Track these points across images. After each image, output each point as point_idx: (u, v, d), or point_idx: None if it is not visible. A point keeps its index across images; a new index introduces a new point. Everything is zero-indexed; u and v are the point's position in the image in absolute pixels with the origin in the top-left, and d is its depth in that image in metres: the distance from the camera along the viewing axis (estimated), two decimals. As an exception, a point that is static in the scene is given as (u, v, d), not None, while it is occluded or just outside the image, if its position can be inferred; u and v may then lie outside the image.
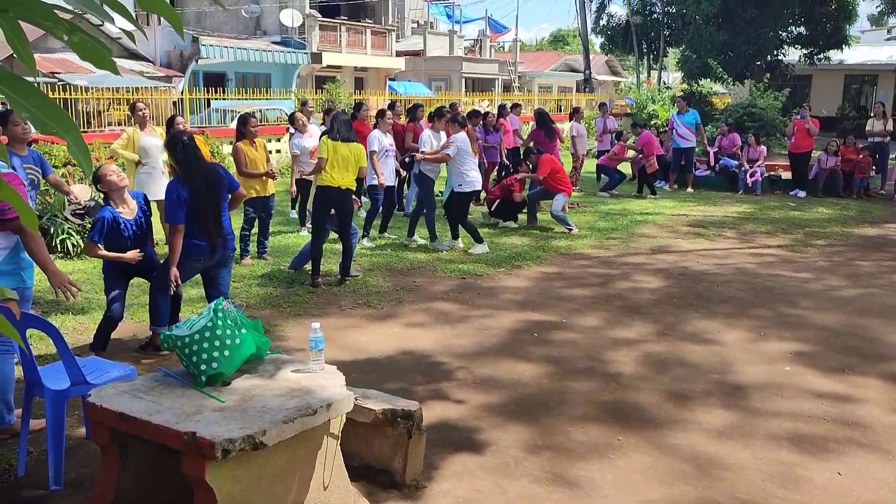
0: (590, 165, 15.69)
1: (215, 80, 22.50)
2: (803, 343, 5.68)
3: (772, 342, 5.69)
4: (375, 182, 8.63)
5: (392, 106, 11.14)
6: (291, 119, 9.87)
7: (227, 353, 3.04)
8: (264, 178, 7.90)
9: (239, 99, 19.49)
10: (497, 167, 12.59)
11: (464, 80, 34.17)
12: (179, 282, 5.06)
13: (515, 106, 14.62)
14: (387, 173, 8.87)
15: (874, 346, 5.65)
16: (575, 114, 14.40)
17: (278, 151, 15.50)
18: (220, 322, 3.09)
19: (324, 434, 3.00)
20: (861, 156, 13.78)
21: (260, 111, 19.11)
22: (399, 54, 32.82)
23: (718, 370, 5.09)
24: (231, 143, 10.15)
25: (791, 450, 3.94)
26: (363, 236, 8.75)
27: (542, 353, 5.41)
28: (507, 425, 4.19)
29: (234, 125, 10.90)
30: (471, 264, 8.10)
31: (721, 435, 4.11)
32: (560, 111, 28.63)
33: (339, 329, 5.88)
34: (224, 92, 19.29)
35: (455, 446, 3.92)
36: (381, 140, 8.86)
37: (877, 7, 30.29)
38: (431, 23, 40.01)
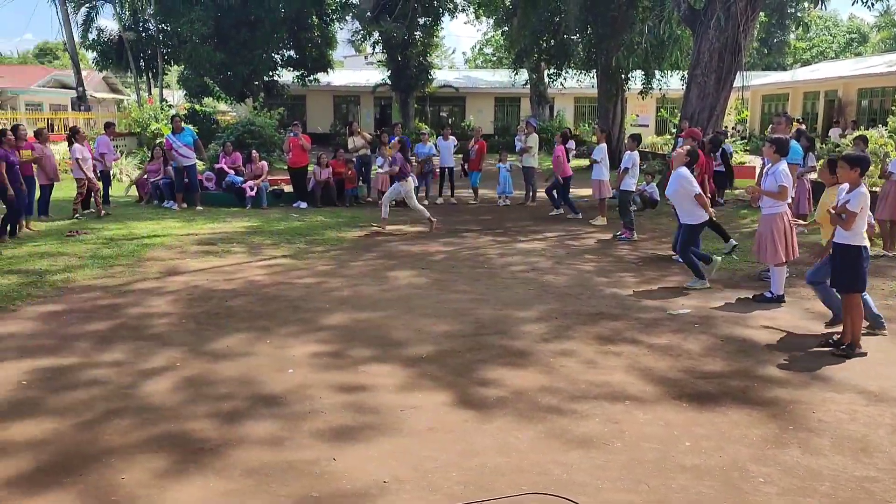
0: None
1: None
2: (313, 344, 6.12)
3: (286, 349, 5.99)
4: None
5: None
6: None
7: None
8: None
9: None
10: None
11: (-77, 95, 28.77)
12: None
13: None
14: None
15: (369, 336, 6.38)
16: (75, 135, 13.49)
17: None
18: None
19: None
20: (349, 169, 15.46)
21: None
22: None
23: (251, 383, 5.19)
24: None
25: (313, 445, 4.23)
26: None
27: (63, 402, 4.84)
28: (31, 497, 3.65)
29: None
30: (-61, 313, 6.87)
31: (270, 444, 4.21)
32: (53, 130, 26.03)
33: None
34: None
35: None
36: None
37: (351, 36, 34.24)
38: None
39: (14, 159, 11.04)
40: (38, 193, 12.73)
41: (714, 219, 8.87)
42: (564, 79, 28.50)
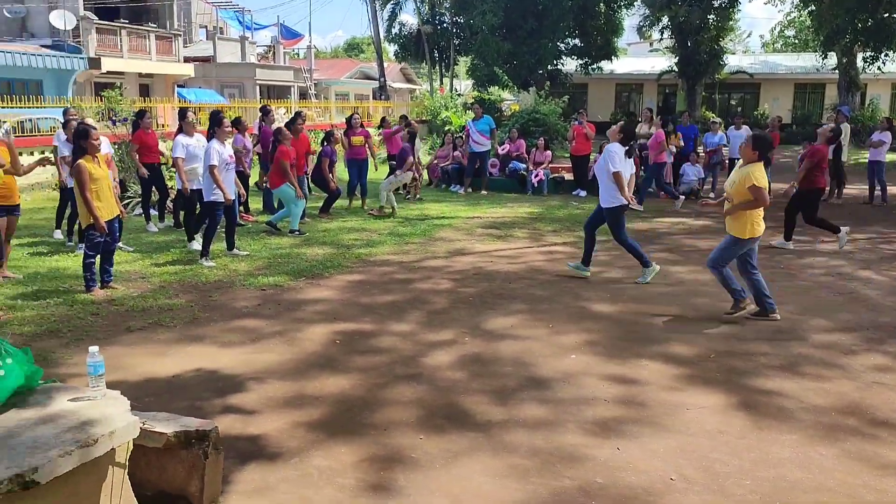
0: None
1: (-25, 87, 20.28)
2: (590, 333, 6.12)
3: (564, 334, 6.07)
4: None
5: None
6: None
7: (-11, 387, 2.76)
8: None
9: (4, 107, 17.69)
10: None
11: (258, 86, 33.39)
12: None
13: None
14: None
15: (646, 331, 6.22)
16: (409, 125, 14.75)
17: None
18: (-21, 354, 2.80)
19: (109, 464, 2.81)
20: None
21: (30, 120, 17.50)
22: (188, 60, 31.41)
23: (531, 364, 5.34)
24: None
25: (595, 432, 4.25)
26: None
27: (356, 363, 5.36)
28: (319, 438, 4.11)
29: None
30: (271, 277, 7.92)
31: (552, 426, 4.30)
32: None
33: (129, 352, 5.52)
34: (-14, 99, 17.50)
35: (257, 463, 3.82)
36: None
37: (639, 22, 33.44)
38: (221, 28, 38.67)
39: (335, 158, 12.42)
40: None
41: (632, 206, 7.95)
42: (883, 62, 25.26)
